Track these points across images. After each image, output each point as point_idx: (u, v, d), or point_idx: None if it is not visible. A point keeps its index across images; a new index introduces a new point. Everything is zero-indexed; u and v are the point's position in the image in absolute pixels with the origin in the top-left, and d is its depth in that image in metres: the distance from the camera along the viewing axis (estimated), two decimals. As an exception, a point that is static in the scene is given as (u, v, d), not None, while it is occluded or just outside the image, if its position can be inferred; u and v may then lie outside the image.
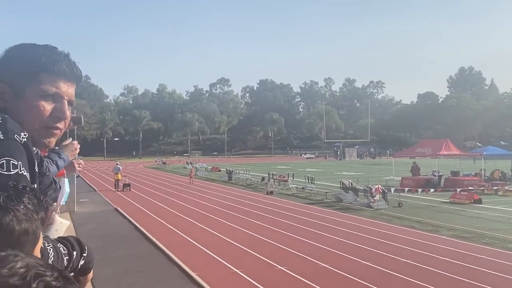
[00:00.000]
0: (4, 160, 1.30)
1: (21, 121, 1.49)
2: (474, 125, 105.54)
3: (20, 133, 1.38)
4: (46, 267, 0.73)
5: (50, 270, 0.72)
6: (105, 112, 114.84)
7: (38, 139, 1.54)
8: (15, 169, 1.31)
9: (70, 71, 1.57)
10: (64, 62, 1.56)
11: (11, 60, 1.52)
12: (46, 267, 0.73)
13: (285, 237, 15.49)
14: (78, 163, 4.20)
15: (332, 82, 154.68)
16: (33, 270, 0.69)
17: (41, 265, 0.73)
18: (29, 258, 0.73)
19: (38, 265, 0.72)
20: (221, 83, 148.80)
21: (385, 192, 22.43)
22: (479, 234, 15.84)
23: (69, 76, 1.58)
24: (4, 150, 1.32)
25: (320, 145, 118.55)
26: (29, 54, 1.53)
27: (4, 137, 1.33)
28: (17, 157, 1.33)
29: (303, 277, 10.77)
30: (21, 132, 1.39)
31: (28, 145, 1.39)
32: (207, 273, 11.11)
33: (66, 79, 1.57)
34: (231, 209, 22.27)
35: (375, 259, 12.41)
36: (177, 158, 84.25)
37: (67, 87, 1.57)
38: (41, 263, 0.73)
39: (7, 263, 0.70)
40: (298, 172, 39.49)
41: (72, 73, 1.58)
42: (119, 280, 10.51)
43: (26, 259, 0.72)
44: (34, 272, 0.69)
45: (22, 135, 1.38)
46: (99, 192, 30.58)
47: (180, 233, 16.36)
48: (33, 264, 0.71)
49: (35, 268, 0.70)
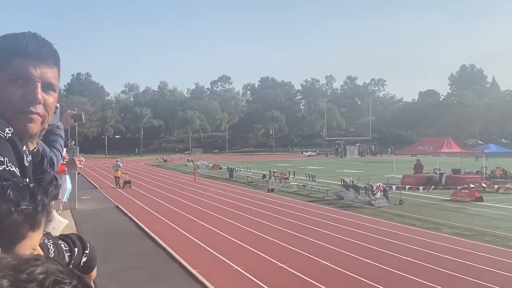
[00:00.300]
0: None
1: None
2: (475, 123, 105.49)
3: (4, 128, 1.35)
4: (65, 273, 0.72)
5: (70, 277, 0.71)
6: (106, 110, 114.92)
7: (16, 127, 1.46)
8: (1, 166, 1.29)
9: (39, 52, 1.51)
10: (31, 44, 1.50)
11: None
12: (65, 274, 0.72)
13: (286, 234, 15.50)
14: (79, 160, 4.22)
15: (334, 80, 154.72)
16: (52, 277, 0.68)
17: (61, 271, 0.72)
18: (50, 264, 0.72)
19: (57, 271, 0.71)
20: (222, 81, 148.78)
21: (386, 190, 22.43)
22: (480, 232, 15.84)
23: (40, 57, 1.51)
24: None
25: (321, 143, 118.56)
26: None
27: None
28: (2, 153, 1.31)
29: (304, 275, 10.77)
30: (5, 127, 1.36)
31: (13, 140, 1.37)
32: (208, 271, 11.12)
33: (37, 61, 1.51)
34: (232, 206, 22.28)
35: (376, 256, 12.41)
36: (178, 156, 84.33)
37: (40, 69, 1.51)
38: (61, 269, 0.72)
39: (27, 267, 0.69)
40: (299, 169, 39.49)
41: (43, 54, 1.52)
42: (120, 277, 10.52)
43: (46, 264, 0.71)
44: (53, 279, 0.68)
45: (6, 131, 1.35)
46: (100, 189, 30.61)
47: (181, 231, 16.37)
48: (52, 270, 0.70)
49: (54, 275, 0.69)
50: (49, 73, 1.53)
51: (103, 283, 10.14)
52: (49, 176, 1.87)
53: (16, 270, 0.68)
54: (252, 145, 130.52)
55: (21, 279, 0.67)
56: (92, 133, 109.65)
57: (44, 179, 1.82)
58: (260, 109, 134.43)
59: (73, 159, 4.17)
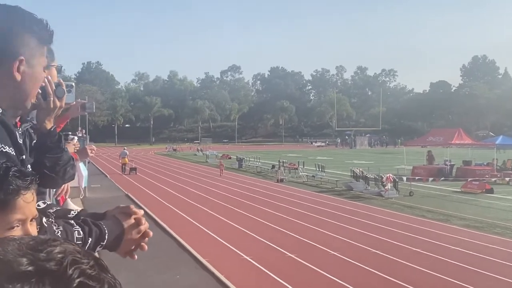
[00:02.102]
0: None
1: (28, 94, 1.50)
2: (487, 115, 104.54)
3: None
4: (83, 254, 0.73)
5: (87, 257, 0.72)
6: (116, 99, 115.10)
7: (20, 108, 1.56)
8: None
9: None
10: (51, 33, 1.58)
11: (27, 31, 1.50)
12: (83, 254, 0.73)
13: (295, 224, 15.51)
14: (91, 149, 4.22)
15: (344, 70, 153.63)
16: (70, 257, 0.69)
17: (78, 251, 0.72)
18: (67, 244, 0.73)
19: (75, 251, 0.72)
20: (232, 71, 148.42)
21: (396, 181, 22.35)
22: (490, 224, 15.76)
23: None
24: None
25: (330, 133, 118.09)
26: (38, 28, 1.52)
27: None
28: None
29: (313, 265, 10.79)
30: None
31: (3, 120, 1.36)
32: (217, 260, 11.17)
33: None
34: (241, 196, 22.32)
35: (385, 247, 12.39)
36: (188, 145, 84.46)
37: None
38: (78, 250, 0.73)
39: (45, 247, 0.70)
40: (308, 160, 39.45)
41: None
42: (130, 266, 10.57)
43: (64, 244, 0.72)
44: (71, 258, 0.69)
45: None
46: (107, 175, 30.67)
47: (191, 220, 16.43)
48: (70, 250, 0.71)
49: (72, 255, 0.70)
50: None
51: (112, 271, 10.19)
52: (67, 155, 1.87)
53: (35, 250, 0.69)
54: (262, 135, 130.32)
55: (40, 258, 0.67)
56: (102, 122, 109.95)
57: (62, 158, 1.82)
58: (269, 99, 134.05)
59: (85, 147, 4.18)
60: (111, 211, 1.62)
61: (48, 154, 1.72)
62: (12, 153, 1.35)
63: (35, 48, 1.51)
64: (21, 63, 1.47)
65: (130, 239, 1.56)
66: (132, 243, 1.58)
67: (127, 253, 1.60)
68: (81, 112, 2.28)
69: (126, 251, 1.59)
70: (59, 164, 1.81)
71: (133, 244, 1.58)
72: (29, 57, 1.49)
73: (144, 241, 1.60)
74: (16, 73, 1.46)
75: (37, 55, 1.53)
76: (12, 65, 1.45)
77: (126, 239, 1.55)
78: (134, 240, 1.57)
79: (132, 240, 1.57)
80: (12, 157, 1.35)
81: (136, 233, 1.57)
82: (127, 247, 1.57)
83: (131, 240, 1.57)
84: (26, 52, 1.48)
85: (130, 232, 1.55)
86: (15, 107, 1.46)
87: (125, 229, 1.54)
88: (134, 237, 1.57)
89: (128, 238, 1.55)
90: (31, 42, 1.50)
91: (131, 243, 1.58)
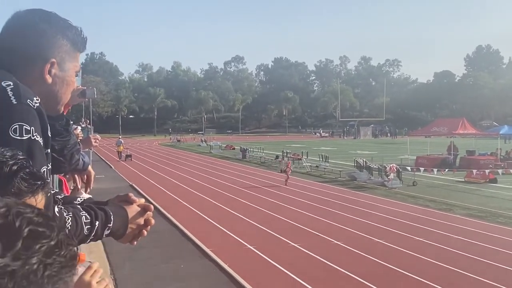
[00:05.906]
0: (17, 125, 1.30)
1: (60, 98, 1.60)
2: (491, 104, 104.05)
3: (32, 98, 1.37)
4: (25, 205, 0.74)
5: (30, 207, 0.73)
6: (120, 90, 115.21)
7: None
8: (27, 134, 1.31)
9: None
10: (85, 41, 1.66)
11: (60, 35, 1.56)
12: (25, 205, 0.74)
13: (299, 214, 15.56)
14: (95, 138, 4.25)
15: (348, 61, 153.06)
16: (14, 209, 0.70)
17: (19, 203, 0.74)
18: (6, 199, 0.74)
19: (16, 204, 0.73)
20: (236, 61, 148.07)
21: (399, 171, 22.34)
22: (494, 213, 15.78)
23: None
24: (17, 115, 1.32)
25: (334, 123, 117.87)
26: (71, 34, 1.59)
27: (17, 102, 1.33)
28: (29, 122, 1.33)
29: (316, 254, 10.84)
30: (33, 97, 1.38)
31: (41, 110, 1.39)
32: (221, 249, 11.24)
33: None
34: (245, 186, 22.38)
35: (388, 237, 12.43)
36: (192, 136, 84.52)
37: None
38: (19, 202, 0.74)
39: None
40: (312, 150, 39.42)
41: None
42: (134, 255, 10.66)
43: (3, 200, 0.73)
44: (15, 210, 0.70)
45: (34, 100, 1.38)
46: (115, 169, 30.78)
47: (195, 210, 16.50)
48: (11, 203, 0.72)
49: (15, 207, 0.71)
50: None
51: (116, 260, 10.32)
52: (73, 139, 1.91)
53: None
54: (265, 125, 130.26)
55: None
56: (106, 113, 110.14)
57: (69, 142, 1.86)
58: (273, 90, 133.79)
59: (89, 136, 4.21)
60: (113, 199, 1.66)
61: (57, 137, 1.75)
62: (41, 143, 1.38)
63: (68, 53, 1.57)
64: (52, 66, 1.53)
65: (134, 223, 1.60)
66: (135, 229, 1.62)
67: (131, 239, 1.64)
68: (81, 98, 2.28)
69: (129, 238, 1.63)
70: (67, 148, 1.84)
71: (137, 230, 1.63)
72: (61, 61, 1.55)
73: (146, 228, 1.64)
74: (47, 75, 1.52)
75: (70, 60, 1.59)
76: (44, 67, 1.51)
77: (130, 225, 1.59)
78: (138, 226, 1.62)
79: (136, 226, 1.61)
80: (41, 148, 1.38)
81: (141, 218, 1.62)
82: (131, 233, 1.61)
83: (135, 226, 1.61)
84: (58, 55, 1.54)
85: (135, 218, 1.60)
86: (48, 110, 1.50)
87: (128, 213, 1.58)
88: (140, 222, 1.61)
89: (133, 223, 1.60)
90: (64, 46, 1.56)
91: (135, 229, 1.62)
